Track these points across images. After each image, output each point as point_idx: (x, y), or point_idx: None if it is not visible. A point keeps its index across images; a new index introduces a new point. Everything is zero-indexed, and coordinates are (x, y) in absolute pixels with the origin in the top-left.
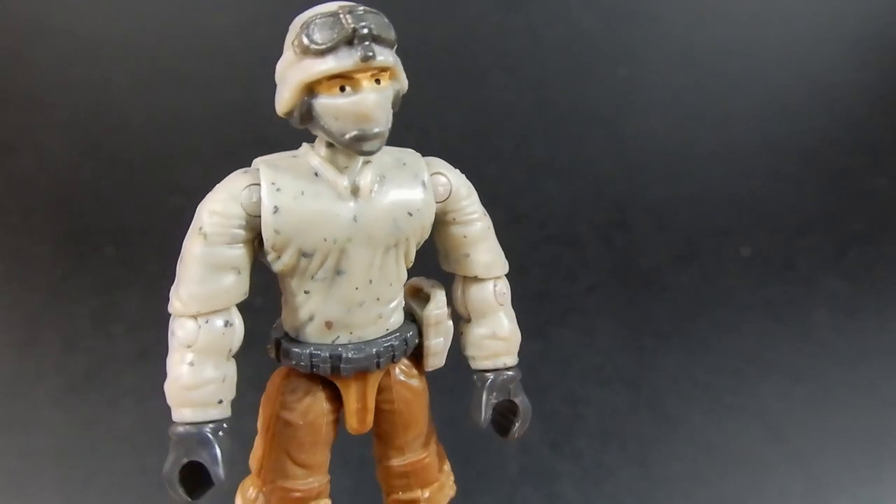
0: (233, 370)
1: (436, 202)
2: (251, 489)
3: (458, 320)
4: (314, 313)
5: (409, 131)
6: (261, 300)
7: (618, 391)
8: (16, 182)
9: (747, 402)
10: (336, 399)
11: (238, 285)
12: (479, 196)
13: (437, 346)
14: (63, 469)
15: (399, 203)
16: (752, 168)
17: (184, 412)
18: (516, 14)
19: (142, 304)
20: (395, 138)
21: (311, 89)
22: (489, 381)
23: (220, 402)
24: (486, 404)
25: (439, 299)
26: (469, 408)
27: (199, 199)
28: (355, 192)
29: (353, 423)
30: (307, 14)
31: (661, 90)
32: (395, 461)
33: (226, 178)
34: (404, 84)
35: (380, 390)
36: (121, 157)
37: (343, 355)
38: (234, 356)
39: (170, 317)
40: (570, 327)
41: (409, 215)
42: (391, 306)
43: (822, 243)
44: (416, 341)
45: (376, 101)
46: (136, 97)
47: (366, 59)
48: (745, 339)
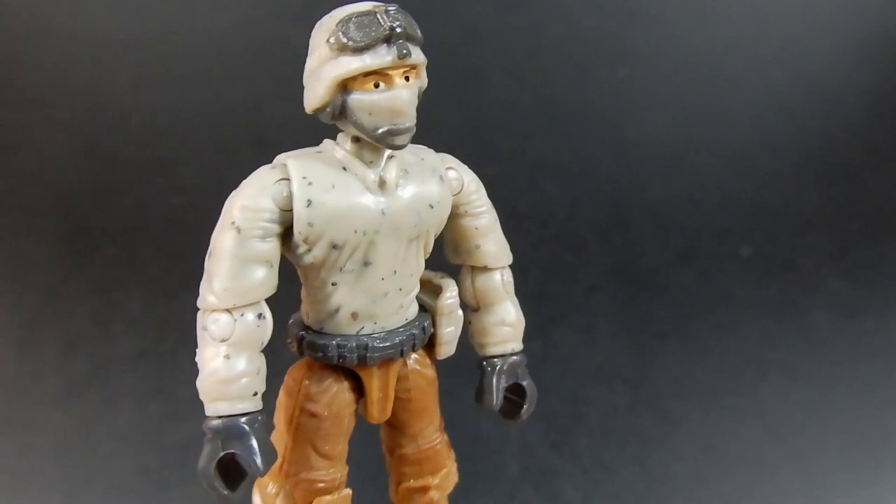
0: (264, 363)
1: (451, 195)
2: (270, 485)
3: (465, 310)
4: (341, 305)
5: None
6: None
7: (618, 391)
8: (16, 182)
9: (747, 402)
10: (356, 390)
11: (270, 278)
12: None
13: (450, 334)
14: (63, 469)
15: (421, 196)
16: (752, 168)
17: (218, 406)
18: (516, 14)
19: (142, 304)
20: None
21: (344, 86)
22: (498, 366)
23: (255, 394)
24: (498, 388)
25: (451, 289)
26: (478, 393)
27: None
28: (382, 185)
29: (374, 412)
30: (341, 13)
31: (661, 90)
32: (409, 449)
33: (252, 174)
34: (425, 81)
35: (397, 380)
36: (121, 157)
37: (369, 344)
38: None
39: (197, 312)
40: (570, 327)
41: (431, 208)
42: (410, 296)
43: (822, 243)
44: (432, 330)
45: (408, 97)
46: (136, 97)
47: (402, 56)
48: (745, 339)
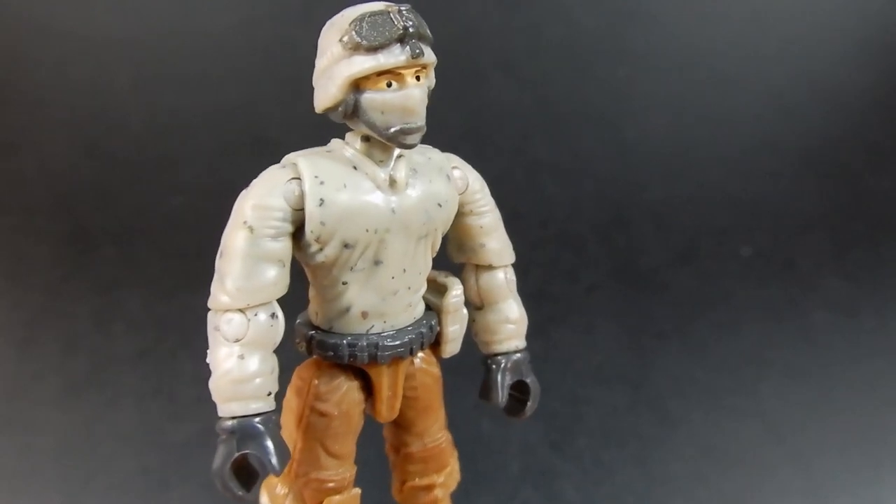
0: (276, 363)
1: (457, 194)
2: (279, 486)
3: (469, 308)
4: (351, 304)
5: None
6: None
7: (618, 391)
8: (16, 182)
9: (747, 402)
10: (364, 389)
11: (282, 278)
12: None
13: (455, 332)
14: (63, 469)
15: (430, 195)
16: (752, 168)
17: (232, 406)
18: (516, 14)
19: (142, 304)
20: None
21: (357, 85)
22: (503, 363)
23: (269, 394)
24: (503, 385)
25: (457, 288)
26: (483, 390)
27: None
28: (392, 184)
29: (383, 410)
30: (353, 13)
31: (661, 90)
32: (415, 447)
33: (262, 173)
34: (433, 81)
35: (404, 378)
36: (121, 157)
37: (380, 343)
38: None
39: (208, 312)
40: (570, 327)
41: (439, 206)
42: (418, 295)
43: (822, 243)
44: (438, 328)
45: (420, 97)
46: (136, 97)
47: (415, 56)
48: (745, 339)
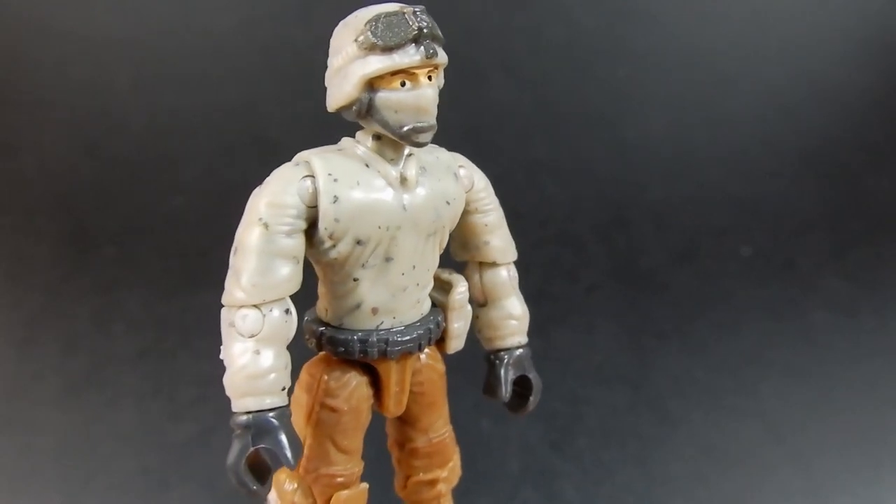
0: (289, 358)
1: (464, 192)
2: (287, 481)
3: (472, 305)
4: (362, 300)
5: None
6: None
7: (618, 391)
8: (16, 182)
9: (747, 402)
10: (372, 384)
11: (296, 274)
12: None
13: (460, 329)
14: (63, 469)
15: (439, 193)
16: (752, 168)
17: (247, 402)
18: (516, 14)
19: (142, 304)
20: None
21: (371, 84)
22: (506, 359)
23: (283, 389)
24: (506, 380)
25: (462, 285)
26: (487, 386)
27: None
28: (403, 182)
29: (390, 405)
30: (367, 13)
31: (661, 90)
32: (420, 442)
33: (275, 171)
34: (442, 81)
35: (411, 374)
36: (121, 157)
37: (390, 339)
38: None
39: (221, 308)
40: (570, 327)
41: (448, 204)
42: (426, 291)
43: (822, 243)
44: (444, 325)
45: (432, 96)
46: (136, 97)
47: (429, 56)
48: (745, 339)
